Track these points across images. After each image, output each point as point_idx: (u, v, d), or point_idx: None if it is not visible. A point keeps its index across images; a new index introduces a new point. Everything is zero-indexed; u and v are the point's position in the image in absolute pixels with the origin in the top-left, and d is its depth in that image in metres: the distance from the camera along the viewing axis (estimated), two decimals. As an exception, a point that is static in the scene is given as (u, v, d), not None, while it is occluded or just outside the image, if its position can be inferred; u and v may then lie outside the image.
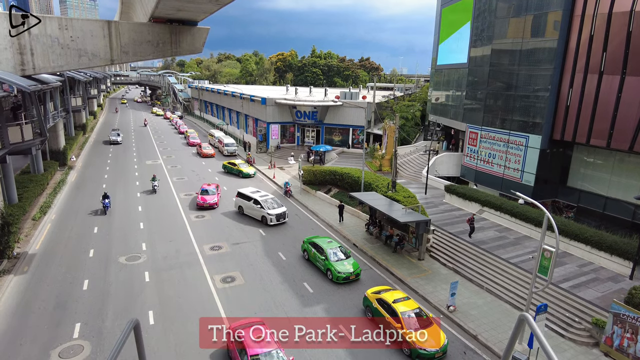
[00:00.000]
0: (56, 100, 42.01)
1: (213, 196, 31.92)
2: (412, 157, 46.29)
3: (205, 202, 31.17)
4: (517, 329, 3.46)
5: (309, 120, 54.66)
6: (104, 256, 22.87)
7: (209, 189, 32.43)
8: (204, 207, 31.19)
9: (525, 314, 3.43)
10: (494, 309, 19.13)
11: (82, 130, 60.31)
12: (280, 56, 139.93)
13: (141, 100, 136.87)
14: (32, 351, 14.91)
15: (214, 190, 32.68)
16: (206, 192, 32.18)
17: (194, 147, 56.95)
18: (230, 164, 43.80)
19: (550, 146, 29.84)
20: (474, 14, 36.74)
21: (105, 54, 30.97)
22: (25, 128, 26.10)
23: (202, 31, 34.58)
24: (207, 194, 32.02)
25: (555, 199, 31.64)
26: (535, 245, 22.89)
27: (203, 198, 31.48)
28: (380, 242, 26.21)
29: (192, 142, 58.58)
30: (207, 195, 31.82)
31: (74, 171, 41.26)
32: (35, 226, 26.35)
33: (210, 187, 32.75)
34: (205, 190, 32.27)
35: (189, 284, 20.31)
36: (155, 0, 26.60)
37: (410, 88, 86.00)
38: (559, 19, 27.97)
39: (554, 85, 28.70)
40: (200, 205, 31.15)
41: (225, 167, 44.20)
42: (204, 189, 32.43)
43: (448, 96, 44.52)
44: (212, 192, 32.24)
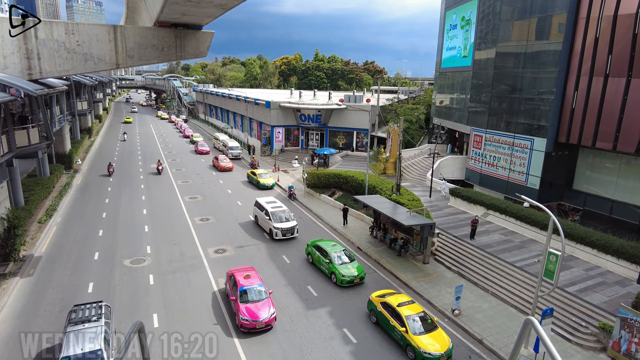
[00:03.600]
0: (62, 104, 42.33)
1: (265, 307, 17.14)
2: (416, 160, 46.21)
3: (258, 321, 16.59)
4: (522, 333, 3.44)
5: (313, 123, 54.74)
6: (109, 259, 22.95)
7: (252, 288, 17.76)
8: (256, 330, 16.73)
9: (531, 317, 3.40)
10: (499, 312, 19.00)
11: (87, 134, 60.72)
12: (285, 60, 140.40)
13: (146, 104, 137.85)
14: (40, 354, 14.94)
15: (261, 289, 17.96)
16: (248, 294, 17.56)
17: (202, 155, 53.80)
18: (252, 173, 40.47)
19: (556, 149, 29.68)
20: (478, 16, 36.71)
21: (111, 58, 31.20)
22: (31, 132, 26.32)
23: (207, 35, 34.77)
24: (255, 297, 17.48)
25: (560, 202, 31.45)
26: (541, 249, 22.74)
27: (251, 312, 16.78)
28: (385, 246, 26.13)
29: (201, 149, 55.18)
30: (258, 305, 17.17)
31: (80, 174, 41.51)
32: (41, 229, 26.50)
33: (252, 284, 17.95)
34: (246, 294, 17.50)
35: (194, 287, 20.32)
36: (160, 5, 26.78)
37: (414, 91, 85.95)
38: (563, 21, 27.89)
39: (559, 88, 28.59)
40: (250, 327, 16.59)
41: (248, 176, 41.21)
42: (243, 288, 17.71)
43: (452, 99, 44.44)
44: (259, 293, 17.70)
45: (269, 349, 15.93)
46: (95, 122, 73.74)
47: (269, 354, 15.64)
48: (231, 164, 46.04)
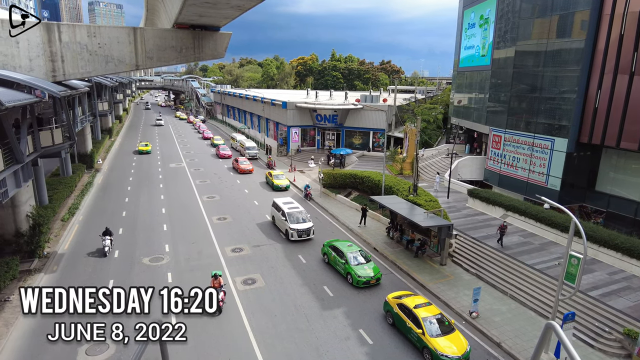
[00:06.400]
0: (84, 105, 43.31)
1: None
2: (434, 161, 45.75)
3: None
4: (543, 337, 3.38)
5: (329, 123, 54.74)
6: (128, 257, 23.40)
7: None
8: None
9: (552, 322, 3.34)
10: (518, 316, 18.66)
11: (108, 134, 62.03)
12: (301, 60, 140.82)
13: (165, 105, 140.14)
14: (62, 349, 15.30)
15: None
16: None
17: (224, 159, 51.97)
18: (269, 174, 40.40)
19: (577, 149, 28.99)
20: (497, 15, 36.14)
21: (131, 59, 31.80)
22: (55, 132, 27.01)
23: (224, 36, 35.13)
24: None
25: (582, 203, 30.69)
26: (562, 251, 22.24)
27: None
28: (401, 247, 25.95)
29: (223, 153, 52.99)
30: None
31: (100, 174, 42.44)
32: (64, 227, 27.21)
33: None
34: None
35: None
36: (179, 7, 27.18)
37: (431, 91, 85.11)
38: (586, 18, 27.22)
39: (582, 87, 27.91)
40: None
41: (266, 178, 41.09)
42: None
43: (471, 99, 43.86)
44: None
45: (285, 347, 16.00)
46: (115, 122, 75.27)
47: (286, 353, 15.72)
48: (251, 167, 45.74)
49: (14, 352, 15.26)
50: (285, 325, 17.47)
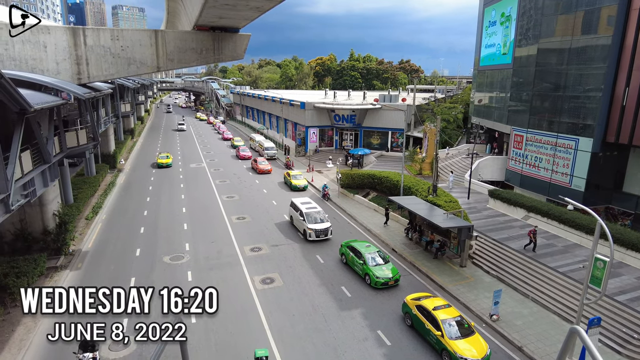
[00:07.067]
0: (107, 107, 44.38)
1: None
2: (454, 161, 45.15)
3: None
4: (567, 342, 3.30)
5: (347, 123, 54.64)
6: (149, 255, 23.87)
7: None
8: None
9: (576, 327, 3.26)
10: (540, 319, 18.24)
11: (130, 135, 63.37)
12: (319, 60, 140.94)
13: (185, 106, 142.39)
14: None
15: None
16: None
17: (244, 160, 52.14)
18: (287, 174, 40.78)
19: (603, 149, 28.13)
20: (519, 12, 35.41)
21: (152, 61, 32.46)
22: (80, 133, 27.78)
23: (244, 38, 35.49)
24: None
25: (609, 205, 29.78)
26: (586, 254, 21.64)
27: None
28: (420, 248, 25.69)
29: (243, 155, 53.37)
30: None
31: (123, 174, 43.40)
32: (88, 225, 27.95)
33: None
34: None
35: (230, 284, 20.78)
36: (199, 9, 27.60)
37: (451, 90, 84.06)
38: (613, 13, 26.40)
39: (608, 85, 27.07)
40: None
41: (285, 178, 41.41)
42: None
43: (491, 98, 43.10)
44: None
45: (303, 347, 16.05)
46: (137, 123, 76.86)
47: (304, 352, 15.76)
48: (270, 167, 46.08)
49: (42, 345, 15.74)
50: (303, 325, 17.52)
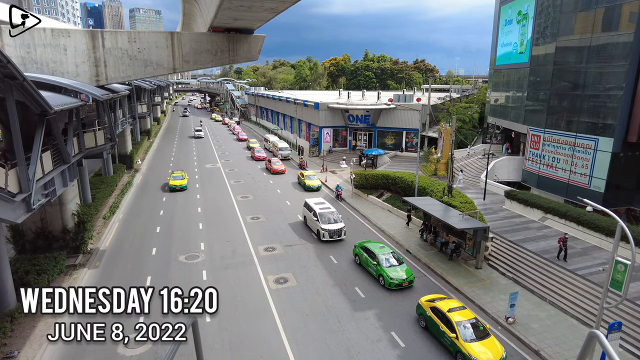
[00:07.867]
0: (124, 108, 45.13)
1: None
2: (469, 161, 44.63)
3: None
4: (586, 347, 3.22)
5: (361, 124, 54.49)
6: (165, 254, 24.18)
7: None
8: None
9: (596, 331, 3.18)
10: (558, 323, 17.89)
11: (147, 136, 64.34)
12: (333, 61, 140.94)
13: (201, 107, 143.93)
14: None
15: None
16: None
17: (259, 161, 52.20)
18: (301, 175, 40.82)
19: (624, 149, 27.47)
20: (536, 10, 34.82)
21: (168, 63, 32.91)
22: (98, 134, 28.33)
23: (258, 39, 35.72)
24: None
25: (630, 206, 29.07)
26: (606, 257, 21.14)
27: None
28: (435, 249, 25.46)
29: (258, 156, 53.32)
30: None
31: (139, 174, 44.08)
32: (105, 224, 28.47)
33: None
34: None
35: (244, 283, 20.92)
36: (214, 11, 27.88)
37: (467, 89, 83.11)
38: (635, 10, 25.76)
39: (630, 83, 26.41)
40: None
41: (298, 178, 41.45)
42: None
43: (508, 97, 42.47)
44: None
45: (317, 347, 16.06)
46: (153, 124, 77.98)
47: (317, 353, 15.77)
48: (284, 167, 46.24)
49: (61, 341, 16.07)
50: (316, 325, 17.53)
